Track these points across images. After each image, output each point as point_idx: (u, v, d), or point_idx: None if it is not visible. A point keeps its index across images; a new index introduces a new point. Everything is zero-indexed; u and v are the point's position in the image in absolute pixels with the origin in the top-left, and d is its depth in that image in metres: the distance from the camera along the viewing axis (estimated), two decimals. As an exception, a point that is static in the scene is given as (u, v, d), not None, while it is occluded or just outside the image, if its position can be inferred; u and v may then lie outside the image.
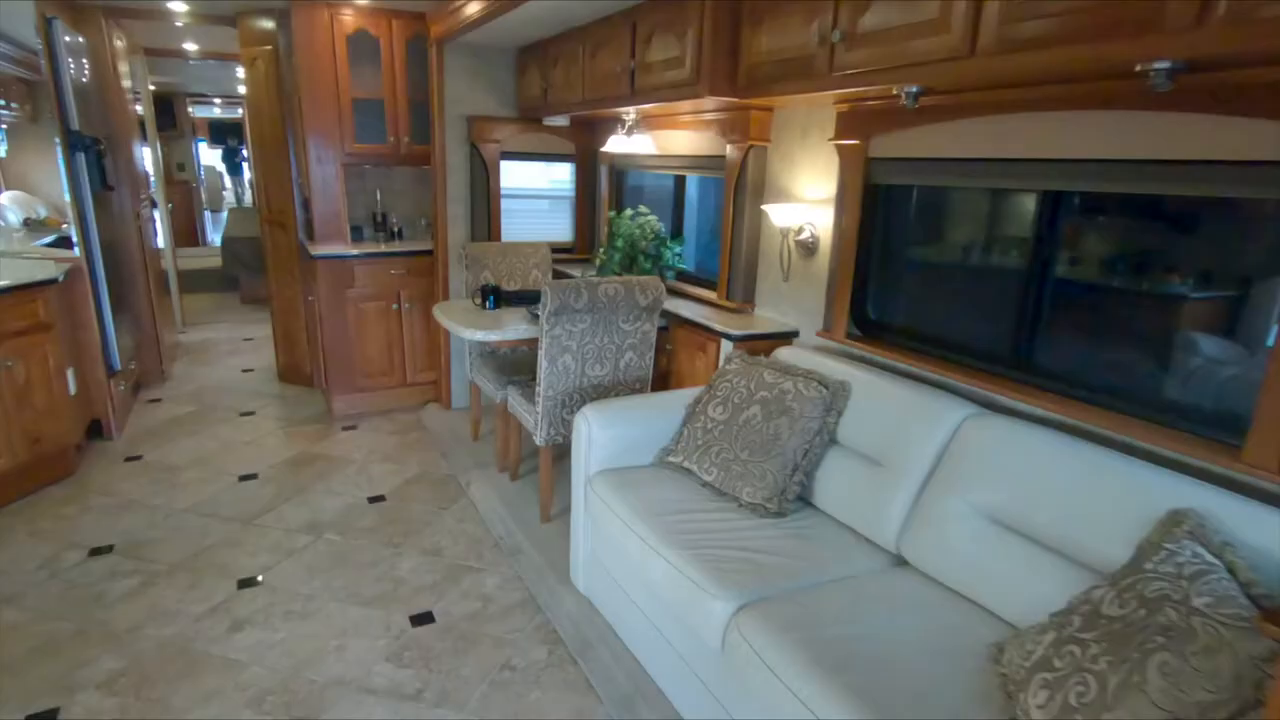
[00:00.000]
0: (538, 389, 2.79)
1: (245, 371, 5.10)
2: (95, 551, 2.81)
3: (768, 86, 2.31)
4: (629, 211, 3.41)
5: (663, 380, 3.08)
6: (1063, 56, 1.49)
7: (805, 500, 2.20)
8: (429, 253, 4.20)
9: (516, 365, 3.42)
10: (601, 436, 2.34)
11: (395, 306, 4.21)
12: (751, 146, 2.79)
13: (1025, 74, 1.70)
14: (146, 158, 5.83)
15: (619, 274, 3.41)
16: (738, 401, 2.30)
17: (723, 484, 2.22)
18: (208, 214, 11.83)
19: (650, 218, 3.32)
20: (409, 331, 4.28)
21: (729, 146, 2.89)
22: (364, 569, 2.73)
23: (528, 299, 3.33)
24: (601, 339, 2.78)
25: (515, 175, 4.14)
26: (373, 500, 3.25)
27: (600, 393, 2.88)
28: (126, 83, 4.77)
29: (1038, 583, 1.60)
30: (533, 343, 2.97)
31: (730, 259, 2.96)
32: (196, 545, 2.86)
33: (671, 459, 2.38)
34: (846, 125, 2.36)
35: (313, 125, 4.04)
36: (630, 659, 2.21)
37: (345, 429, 4.07)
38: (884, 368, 2.30)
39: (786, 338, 2.75)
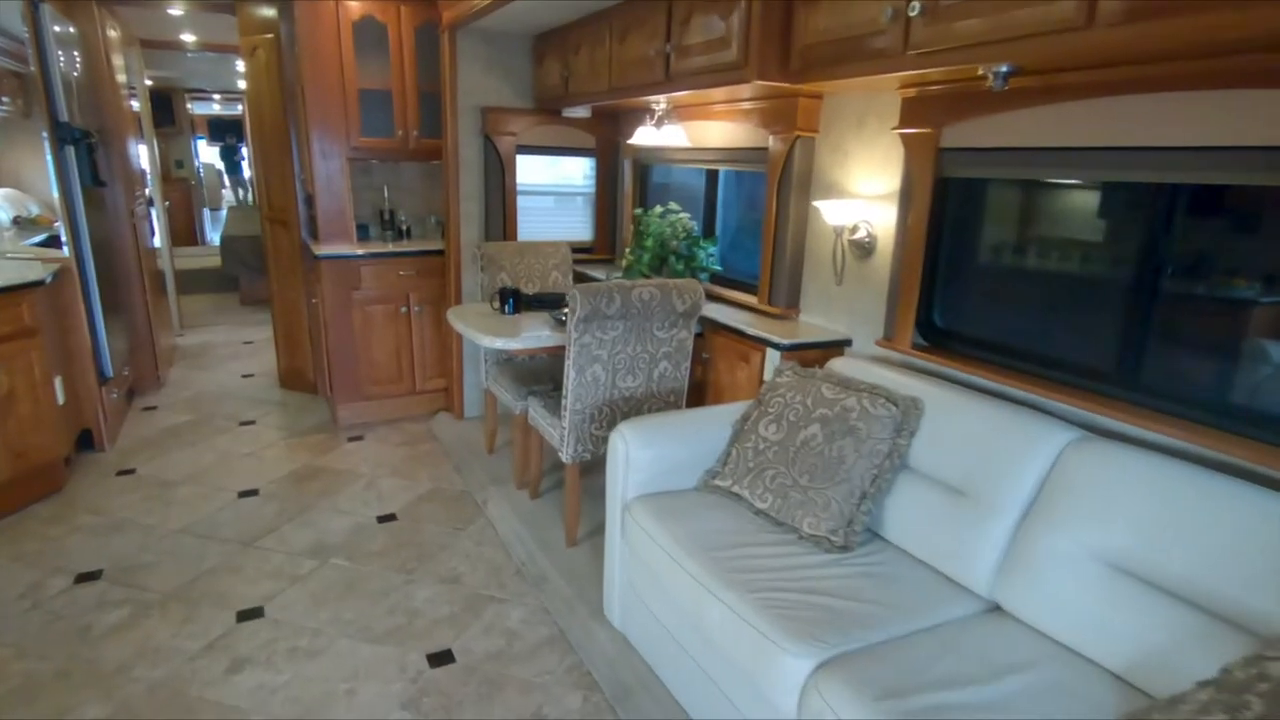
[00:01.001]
0: (564, 401, 2.56)
1: (245, 377, 4.87)
2: (82, 578, 2.57)
3: (825, 70, 2.07)
4: (658, 209, 3.18)
5: (698, 392, 2.84)
6: (1209, 24, 1.26)
7: (873, 532, 1.97)
8: (440, 253, 3.96)
9: (536, 373, 3.19)
10: (641, 457, 2.11)
11: (404, 309, 3.98)
12: (798, 137, 2.56)
13: (1153, 48, 1.47)
14: (142, 154, 5.60)
15: (647, 276, 3.18)
16: (794, 419, 2.07)
17: (779, 513, 1.98)
18: (207, 212, 11.60)
19: (682, 215, 3.09)
20: (418, 336, 4.05)
21: (772, 138, 2.66)
22: (375, 599, 2.49)
23: (549, 302, 3.10)
24: (634, 347, 2.55)
25: (531, 170, 3.91)
26: (383, 520, 3.02)
27: (632, 405, 2.65)
28: (122, 77, 4.53)
29: (1172, 641, 1.37)
30: (556, 350, 2.74)
31: (773, 260, 2.72)
32: (192, 571, 2.63)
33: (718, 483, 2.15)
34: (914, 112, 2.13)
35: (316, 118, 3.81)
36: (677, 709, 1.98)
37: (351, 440, 3.84)
38: (956, 382, 2.06)
39: (838, 347, 2.52)
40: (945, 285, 2.22)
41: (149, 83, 9.03)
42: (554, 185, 4.00)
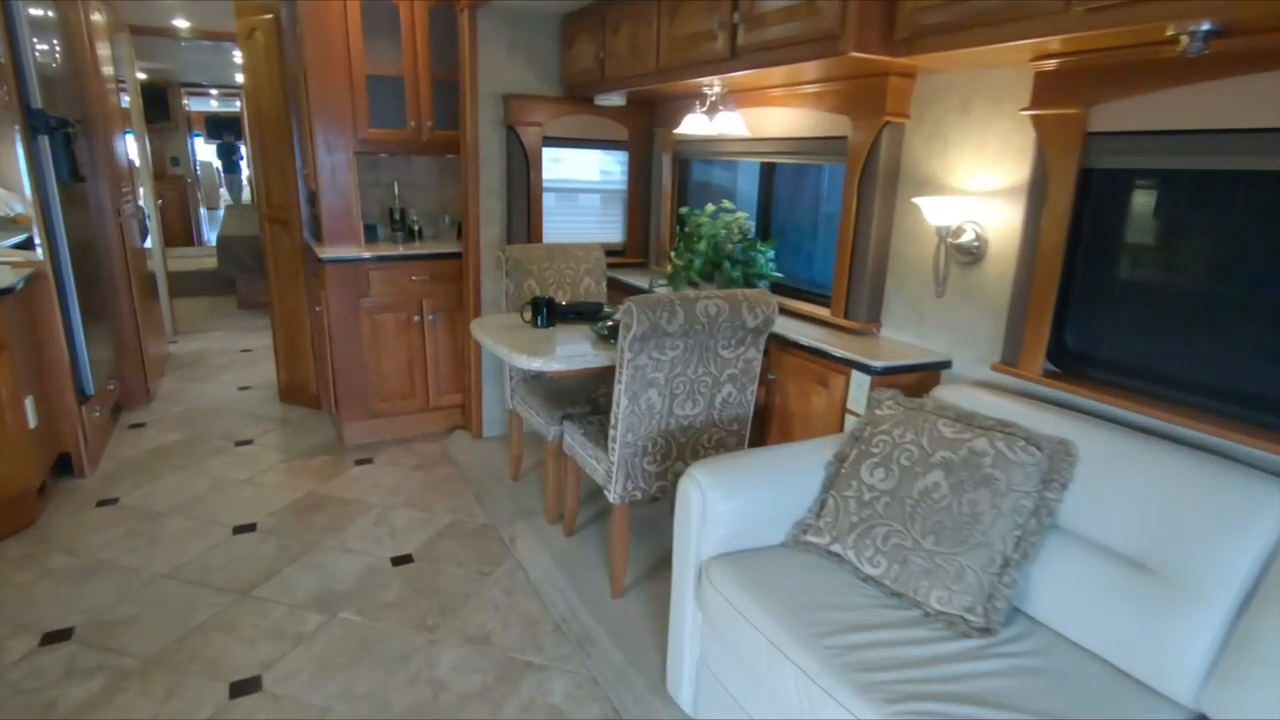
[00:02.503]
0: (612, 432, 2.19)
1: (242, 390, 4.49)
2: (51, 638, 2.20)
3: (943, 38, 1.71)
4: (710, 207, 2.81)
5: (761, 419, 2.47)
6: None
7: (1017, 609, 1.60)
8: (456, 255, 3.59)
9: (570, 393, 2.82)
10: (721, 509, 1.73)
11: (416, 318, 3.60)
12: (887, 124, 2.19)
13: None
14: (132, 150, 5.23)
15: (695, 284, 2.81)
16: (907, 463, 1.70)
17: (897, 581, 1.61)
18: (204, 212, 11.22)
19: (738, 215, 2.72)
20: (432, 347, 3.68)
21: (853, 125, 2.29)
22: (393, 666, 2.12)
23: (586, 313, 2.73)
24: (696, 369, 2.18)
25: (556, 165, 3.53)
26: (398, 562, 2.64)
27: (690, 436, 2.28)
28: (109, 68, 4.15)
29: None
30: (600, 371, 2.37)
31: (851, 267, 2.35)
32: (179, 628, 2.26)
33: (813, 539, 1.78)
34: (1053, 89, 1.75)
35: (320, 107, 3.43)
36: (769, 822, 1.61)
37: (359, 462, 3.46)
38: (1106, 419, 1.69)
39: (934, 370, 2.15)
40: (1088, 299, 1.84)
41: (142, 75, 8.66)
42: (581, 181, 3.62)
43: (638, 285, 3.25)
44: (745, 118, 2.76)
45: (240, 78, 4.52)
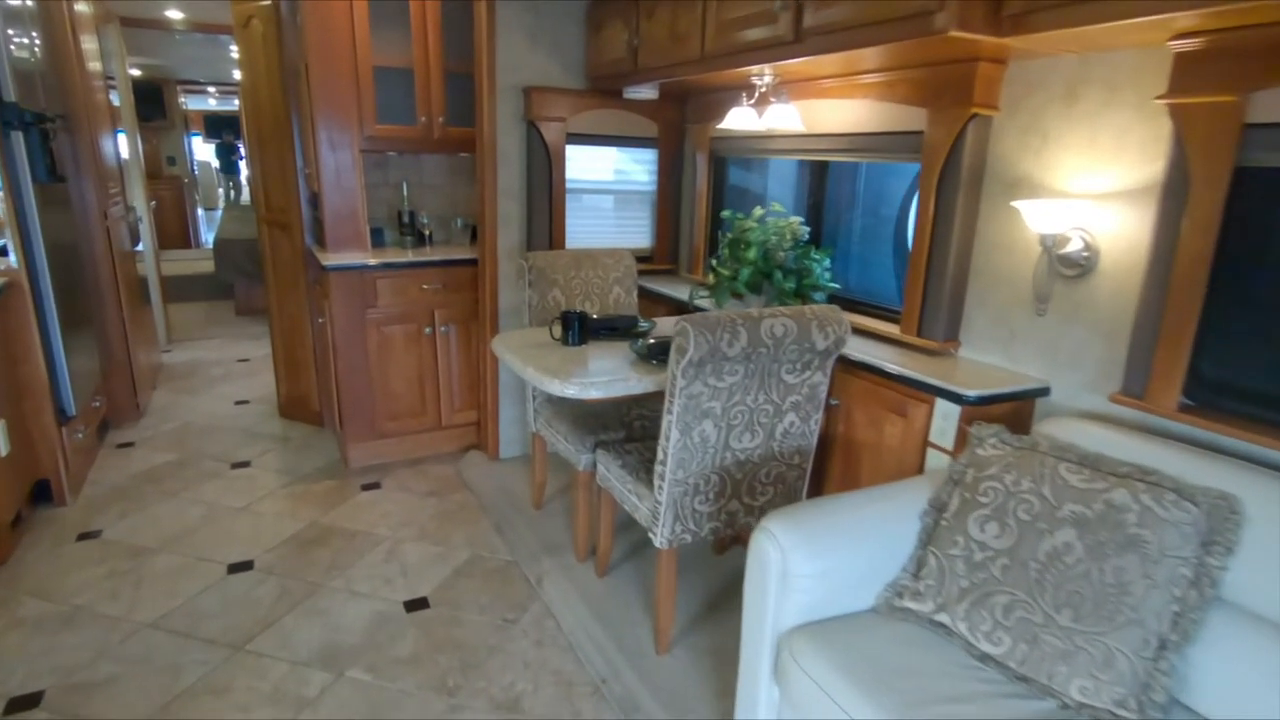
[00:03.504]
0: (659, 468, 1.92)
1: (239, 404, 4.21)
2: (17, 704, 1.93)
3: (1066, 13, 1.44)
4: (758, 210, 2.53)
5: (824, 450, 2.20)
6: None
7: (1177, 701, 1.33)
8: (471, 262, 3.32)
9: (601, 415, 2.55)
10: (805, 573, 1.46)
11: (428, 330, 3.33)
12: (974, 116, 1.91)
13: None
14: (124, 148, 4.95)
15: (742, 295, 2.54)
16: (1027, 518, 1.43)
17: (1025, 665, 1.34)
18: (202, 213, 10.94)
19: (792, 219, 2.44)
20: (445, 362, 3.40)
21: (931, 118, 2.01)
22: (410, 739, 1.85)
23: (620, 328, 2.45)
24: (756, 396, 1.90)
25: (578, 164, 3.25)
26: (412, 607, 2.37)
27: (746, 471, 2.00)
28: (95, 64, 3.87)
29: None
30: (644, 396, 2.10)
31: (926, 278, 2.08)
32: (164, 692, 1.98)
33: (912, 604, 1.50)
34: (1201, 72, 1.48)
35: (324, 102, 3.16)
36: None
37: (365, 488, 3.19)
38: (1264, 464, 1.42)
39: (1029, 398, 1.88)
40: (1235, 321, 1.57)
41: (135, 71, 8.40)
42: (604, 182, 3.34)
43: (672, 296, 2.97)
44: (805, 110, 2.48)
45: (238, 74, 4.22)
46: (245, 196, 11.85)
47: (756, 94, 2.41)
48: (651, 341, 2.23)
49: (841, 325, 1.89)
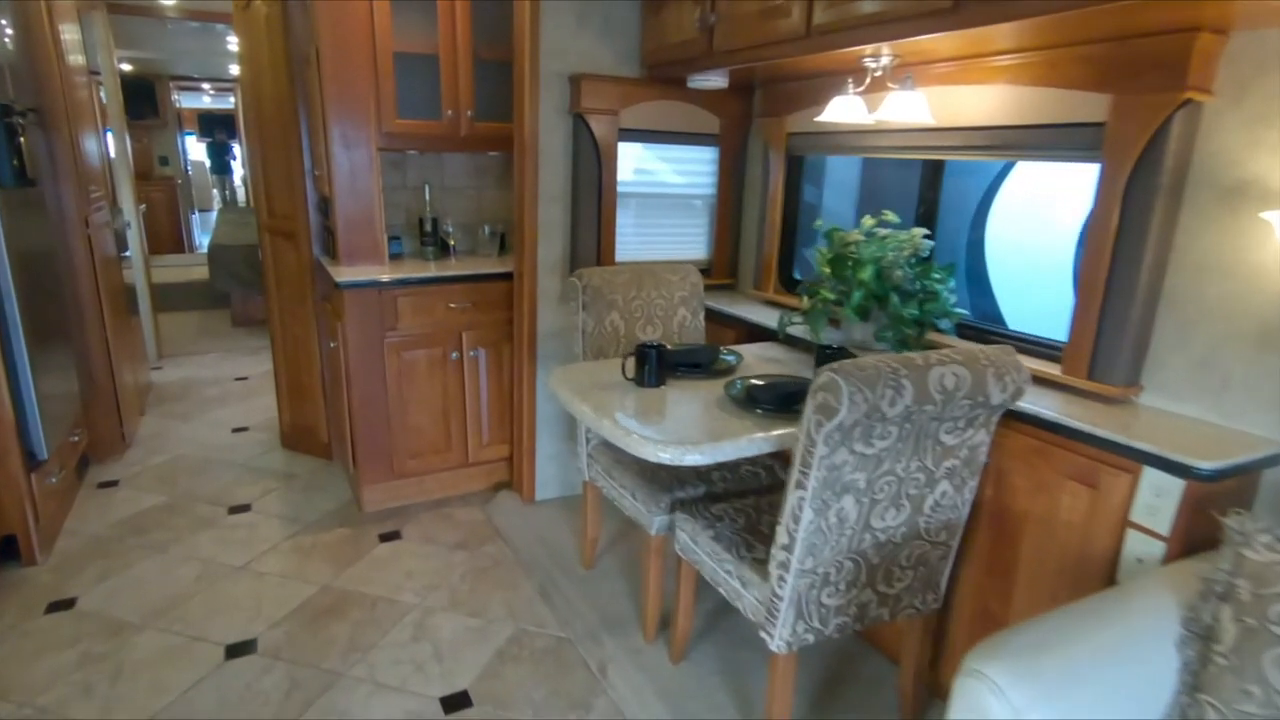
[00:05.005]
0: (782, 555, 1.49)
1: (237, 432, 3.78)
2: None
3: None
4: (868, 220, 2.10)
5: (970, 523, 1.77)
6: None
7: None
8: (505, 277, 2.90)
9: (677, 468, 2.12)
10: (1045, 739, 1.04)
11: (455, 355, 2.90)
12: (1186, 102, 1.49)
13: None
14: (112, 148, 4.52)
15: (838, 321, 2.11)
16: (1365, 666, 1.00)
17: None
18: (196, 216, 10.50)
19: (914, 232, 2.01)
20: (473, 390, 2.97)
21: (1116, 106, 1.60)
22: None
23: (703, 363, 2.03)
24: (908, 463, 1.48)
25: (626, 164, 2.83)
26: (451, 705, 1.94)
27: (885, 554, 1.58)
28: (78, 57, 3.44)
29: None
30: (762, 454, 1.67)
31: (1104, 307, 1.66)
32: (145, 835, 1.56)
33: (1188, 782, 1.08)
34: None
35: (337, 94, 2.74)
36: None
37: (384, 538, 2.76)
38: None
39: (1261, 468, 1.46)
40: None
41: (126, 66, 7.95)
42: (655, 184, 2.91)
43: (743, 319, 2.55)
44: (934, 99, 2.05)
45: (236, 70, 3.80)
46: (241, 198, 11.41)
47: (869, 79, 1.99)
48: (756, 382, 1.81)
49: (1020, 373, 1.46)
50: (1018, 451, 1.66)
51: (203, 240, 8.85)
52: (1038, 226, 2.41)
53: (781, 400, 1.72)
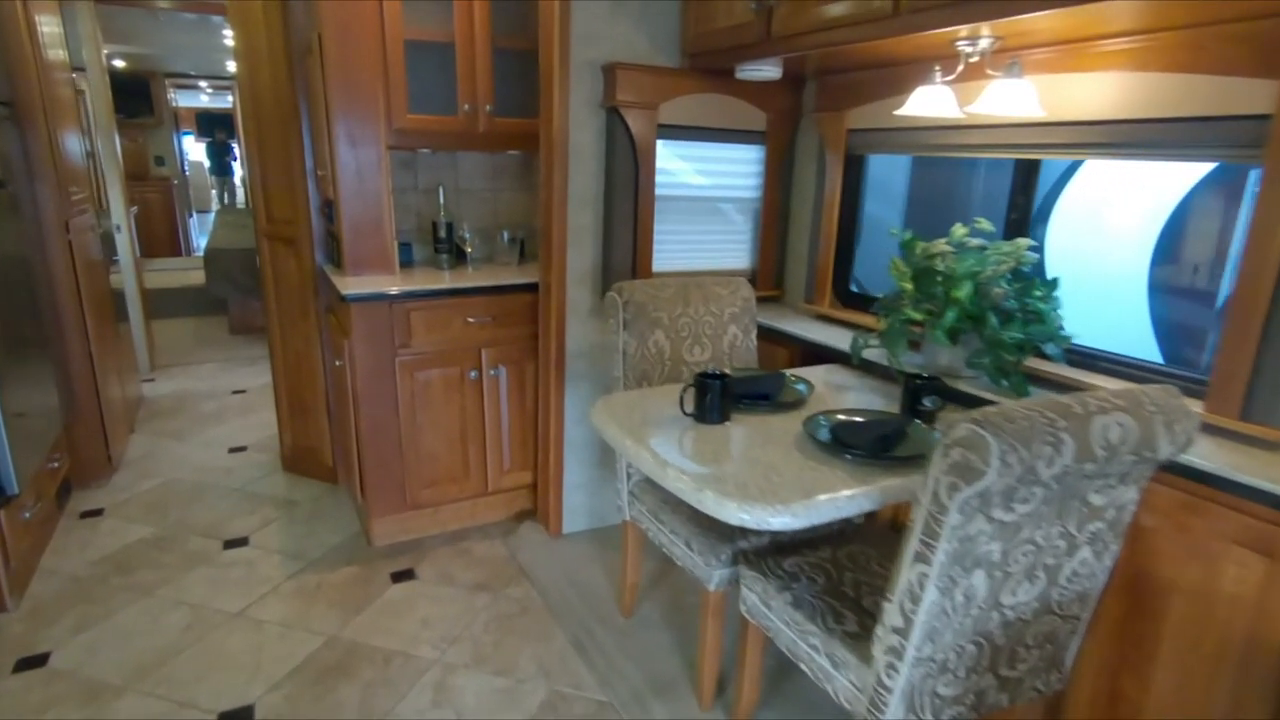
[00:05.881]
0: (894, 639, 1.23)
1: (234, 452, 3.51)
2: None
3: None
4: (959, 229, 1.83)
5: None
6: None
7: None
8: (529, 288, 2.63)
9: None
10: None
11: (474, 375, 2.63)
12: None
13: None
14: (101, 148, 4.26)
15: (917, 343, 1.84)
16: None
17: None
18: (195, 218, 10.22)
19: (1019, 243, 1.74)
20: (493, 413, 2.71)
21: (1288, 93, 1.33)
22: None
23: (770, 393, 1.76)
24: (1049, 529, 1.21)
25: (663, 164, 2.56)
26: (480, 792, 1.67)
27: (1012, 635, 1.31)
28: (59, 52, 3.17)
29: None
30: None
31: (1264, 334, 1.39)
32: None
33: None
34: None
35: (342, 86, 2.47)
36: None
37: (396, 577, 2.49)
38: None
39: None
40: None
41: (119, 62, 7.67)
42: (691, 186, 2.64)
43: (798, 336, 2.29)
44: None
45: (233, 67, 3.49)
46: (241, 199, 11.14)
47: (962, 65, 1.72)
48: (842, 418, 1.54)
49: (1190, 420, 1.20)
50: (1164, 508, 1.40)
51: (200, 243, 8.57)
52: (1098, 232, 2.16)
53: (876, 444, 1.45)
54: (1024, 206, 1.92)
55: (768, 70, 2.27)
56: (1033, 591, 1.29)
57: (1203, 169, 1.74)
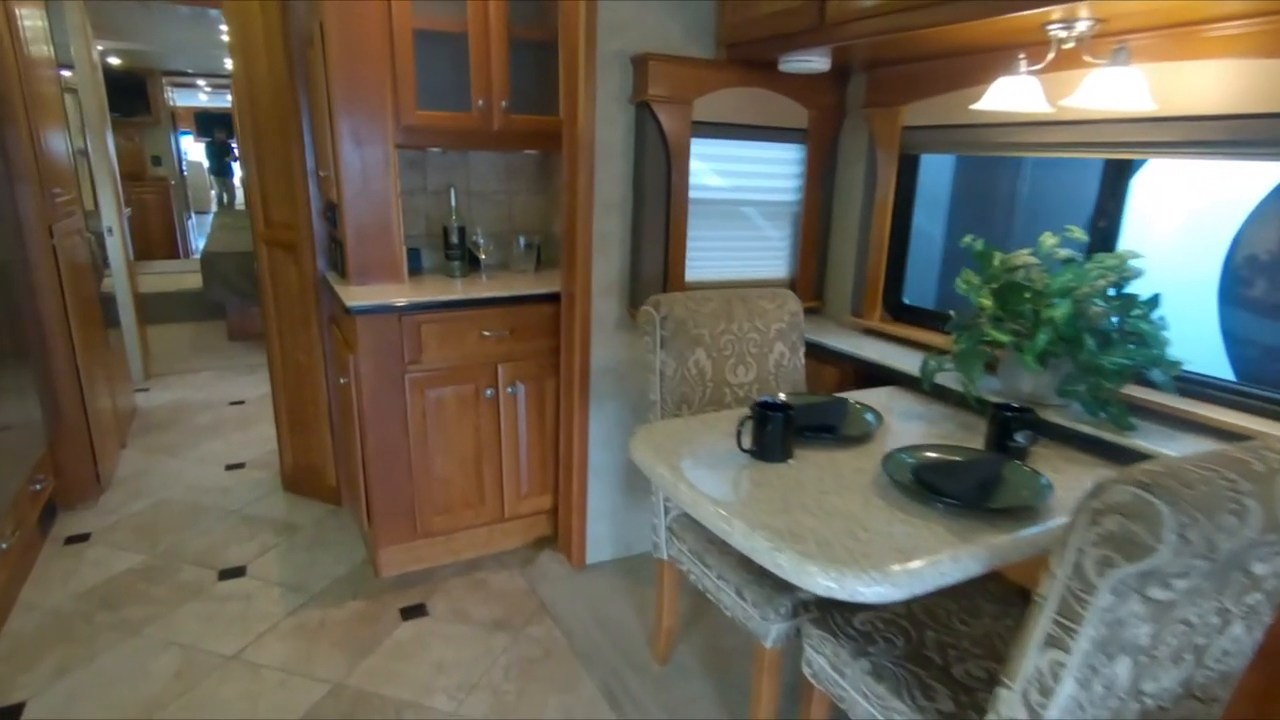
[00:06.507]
0: (1009, 731, 1.02)
1: (231, 469, 3.31)
2: None
3: None
4: (1049, 239, 1.63)
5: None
6: None
7: None
8: (549, 299, 2.43)
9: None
10: None
11: (489, 393, 2.43)
12: None
13: None
14: (93, 147, 4.06)
15: (993, 364, 1.64)
16: None
17: None
18: (193, 219, 10.02)
19: (1122, 254, 1.54)
20: (509, 433, 2.50)
21: None
22: None
23: (834, 425, 1.55)
24: (1205, 606, 1.01)
25: (695, 165, 2.35)
26: None
27: (1146, 722, 1.11)
28: (43, 47, 2.96)
29: None
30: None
31: None
32: None
33: None
34: None
35: (346, 80, 2.27)
36: None
37: (406, 614, 2.29)
38: None
39: None
40: None
41: (114, 60, 7.47)
42: (726, 189, 2.43)
43: (849, 354, 2.08)
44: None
45: (230, 63, 3.27)
46: (240, 200, 10.93)
47: (1052, 53, 1.51)
48: (931, 456, 1.34)
49: (1379, 473, 0.99)
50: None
51: (199, 244, 8.37)
52: (1157, 237, 1.96)
53: (974, 491, 1.25)
54: (1114, 213, 1.71)
55: (816, 62, 2.06)
56: (1177, 676, 1.08)
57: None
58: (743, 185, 2.42)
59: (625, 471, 2.49)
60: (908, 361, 1.97)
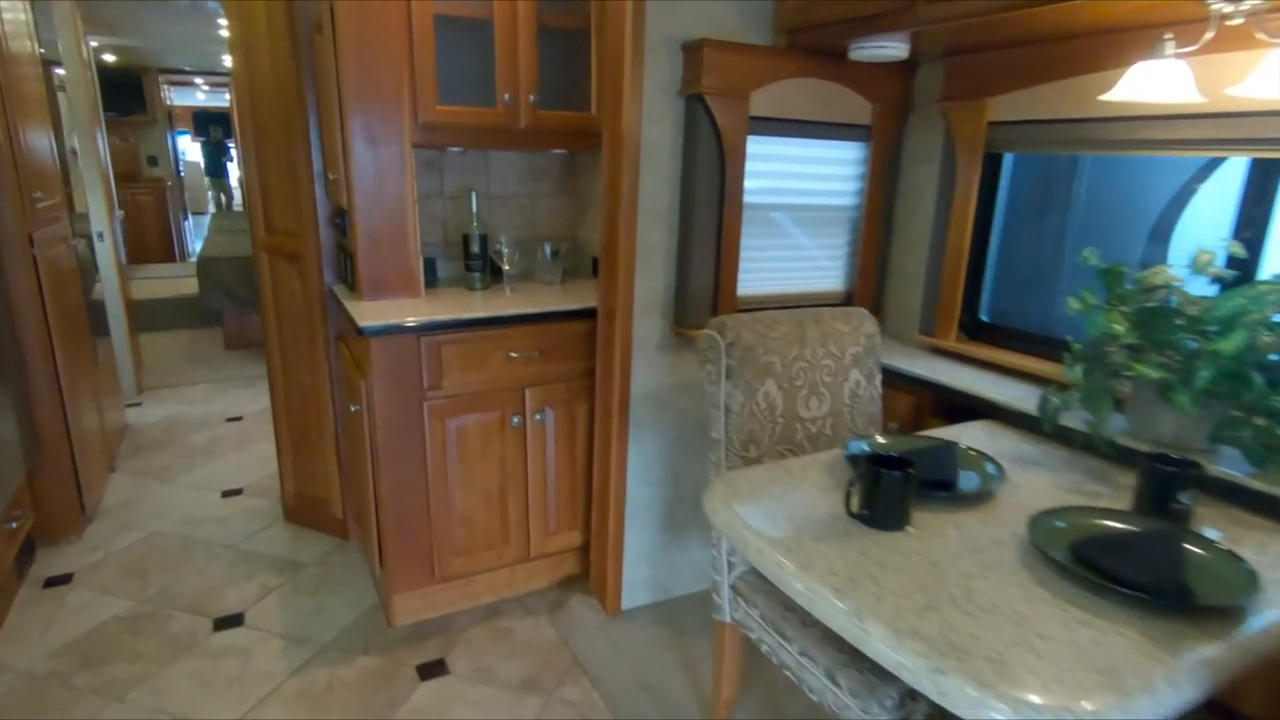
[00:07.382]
0: None
1: (229, 496, 3.05)
2: None
3: None
4: (1205, 256, 1.37)
5: None
6: None
7: None
8: (583, 315, 2.17)
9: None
10: None
11: (517, 419, 2.17)
12: None
13: None
14: (81, 147, 3.80)
15: (1118, 400, 1.39)
16: None
17: None
18: (190, 221, 9.76)
19: (1299, 274, 1.29)
20: (537, 464, 2.25)
21: None
22: None
23: (949, 474, 1.30)
24: None
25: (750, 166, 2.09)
26: None
27: None
28: (25, 43, 2.71)
29: None
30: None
31: None
32: None
33: None
34: None
35: (359, 72, 2.02)
36: None
37: (424, 672, 2.03)
38: None
39: None
40: None
41: (108, 57, 7.21)
42: (781, 192, 2.18)
43: (942, 384, 1.83)
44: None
45: (229, 61, 3.04)
46: (239, 201, 10.67)
47: (1213, 31, 1.26)
48: (1094, 525, 1.08)
49: None
50: None
51: (196, 247, 8.11)
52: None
53: (1165, 578, 0.99)
54: (1260, 220, 1.46)
55: (894, 48, 1.81)
56: None
57: None
58: (797, 188, 2.16)
59: (666, 508, 2.23)
60: (1002, 390, 1.72)
